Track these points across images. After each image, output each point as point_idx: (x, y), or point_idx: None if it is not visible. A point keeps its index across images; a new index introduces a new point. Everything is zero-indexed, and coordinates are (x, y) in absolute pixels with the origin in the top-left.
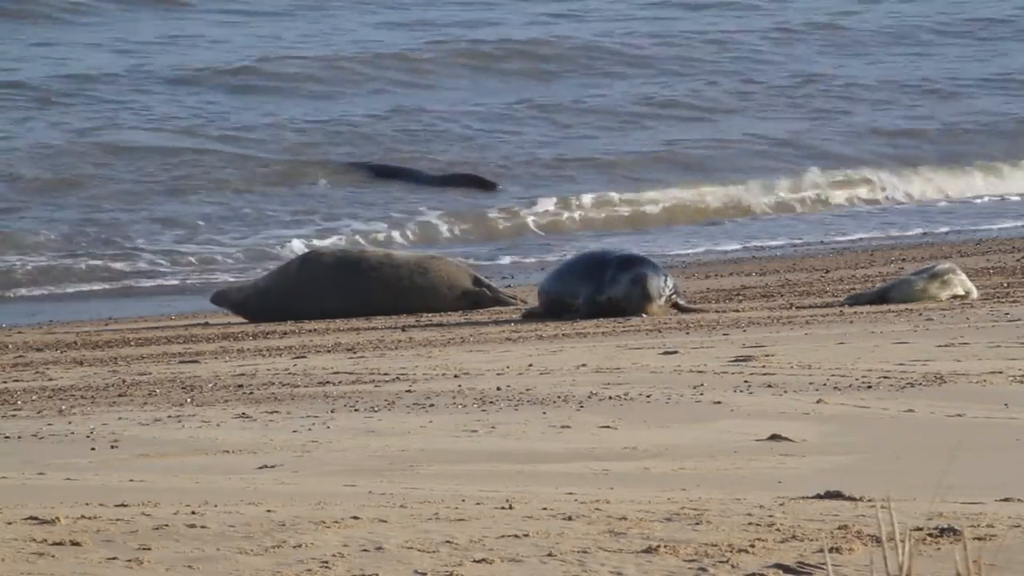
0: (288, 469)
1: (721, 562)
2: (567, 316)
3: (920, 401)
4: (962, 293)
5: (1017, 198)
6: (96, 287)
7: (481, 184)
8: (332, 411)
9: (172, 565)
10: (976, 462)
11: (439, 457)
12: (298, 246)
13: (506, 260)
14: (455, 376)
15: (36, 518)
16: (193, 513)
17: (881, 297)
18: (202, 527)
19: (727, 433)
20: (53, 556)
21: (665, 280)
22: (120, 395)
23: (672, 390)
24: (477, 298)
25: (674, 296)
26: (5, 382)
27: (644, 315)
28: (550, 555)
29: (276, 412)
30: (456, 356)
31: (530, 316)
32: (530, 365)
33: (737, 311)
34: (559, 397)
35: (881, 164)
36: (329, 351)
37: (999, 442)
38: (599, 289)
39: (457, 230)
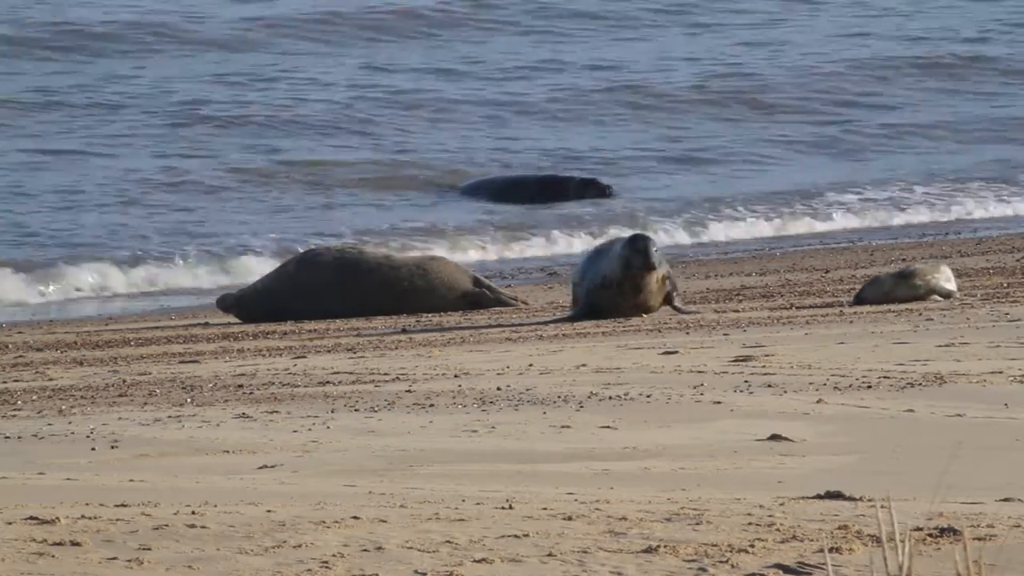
0: (288, 469)
1: (721, 562)
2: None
3: (920, 401)
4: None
5: None
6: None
7: (599, 191)
8: (332, 411)
9: (172, 565)
10: (976, 462)
11: (439, 457)
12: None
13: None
14: (455, 376)
15: (36, 518)
16: (193, 513)
17: (859, 298)
18: (202, 527)
19: (727, 433)
20: (53, 556)
21: (662, 260)
22: (120, 395)
23: (672, 390)
24: (477, 299)
25: (669, 284)
26: (5, 382)
27: (640, 284)
28: (550, 555)
29: (276, 412)
30: (456, 356)
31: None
32: (530, 365)
33: (737, 311)
34: (559, 397)
35: None
36: (329, 351)
37: (999, 442)
38: (598, 270)
39: None
